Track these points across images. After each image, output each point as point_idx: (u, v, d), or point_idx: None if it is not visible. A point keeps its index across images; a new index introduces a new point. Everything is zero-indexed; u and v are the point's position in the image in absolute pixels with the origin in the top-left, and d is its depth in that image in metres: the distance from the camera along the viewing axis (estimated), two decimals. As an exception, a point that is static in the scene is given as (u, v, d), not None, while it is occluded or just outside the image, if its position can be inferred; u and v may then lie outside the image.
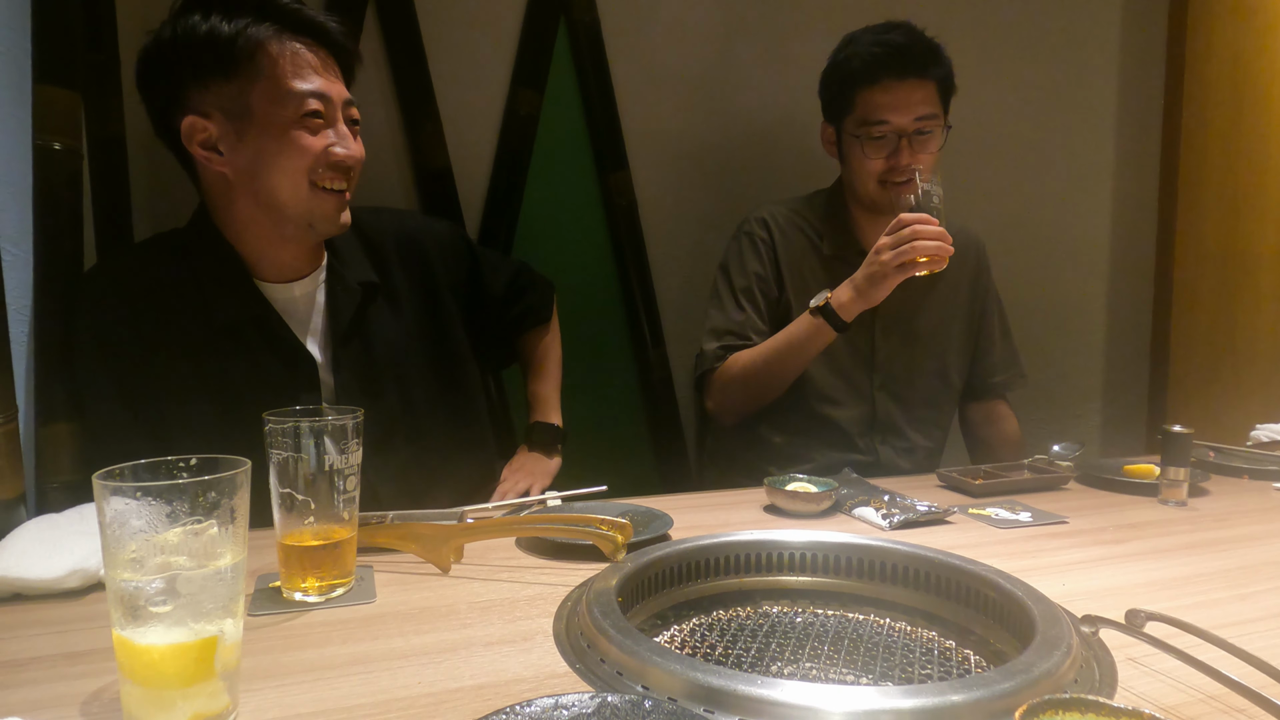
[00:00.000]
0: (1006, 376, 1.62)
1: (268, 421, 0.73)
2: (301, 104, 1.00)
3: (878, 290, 1.29)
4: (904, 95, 1.38)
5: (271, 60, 0.99)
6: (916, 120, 1.38)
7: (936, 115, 1.41)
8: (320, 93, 1.02)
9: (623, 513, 0.98)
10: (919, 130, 1.39)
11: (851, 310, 1.32)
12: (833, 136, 1.52)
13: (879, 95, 1.39)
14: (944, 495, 1.16)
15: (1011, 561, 0.88)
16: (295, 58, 1.01)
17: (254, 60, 0.99)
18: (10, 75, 0.96)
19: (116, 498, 0.49)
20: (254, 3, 1.00)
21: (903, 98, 1.38)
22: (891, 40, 1.39)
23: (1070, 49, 2.21)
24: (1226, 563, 0.89)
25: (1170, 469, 1.11)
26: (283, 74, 1.00)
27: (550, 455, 1.39)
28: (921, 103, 1.38)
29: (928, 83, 1.39)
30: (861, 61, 1.41)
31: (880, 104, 1.39)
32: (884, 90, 1.38)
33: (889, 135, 1.39)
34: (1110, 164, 2.30)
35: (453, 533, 0.83)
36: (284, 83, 1.00)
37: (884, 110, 1.38)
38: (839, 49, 1.48)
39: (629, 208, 1.86)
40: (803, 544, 0.82)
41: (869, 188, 1.44)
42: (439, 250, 1.29)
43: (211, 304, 1.06)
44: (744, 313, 1.47)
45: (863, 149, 1.42)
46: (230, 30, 0.98)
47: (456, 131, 1.71)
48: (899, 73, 1.38)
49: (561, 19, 1.77)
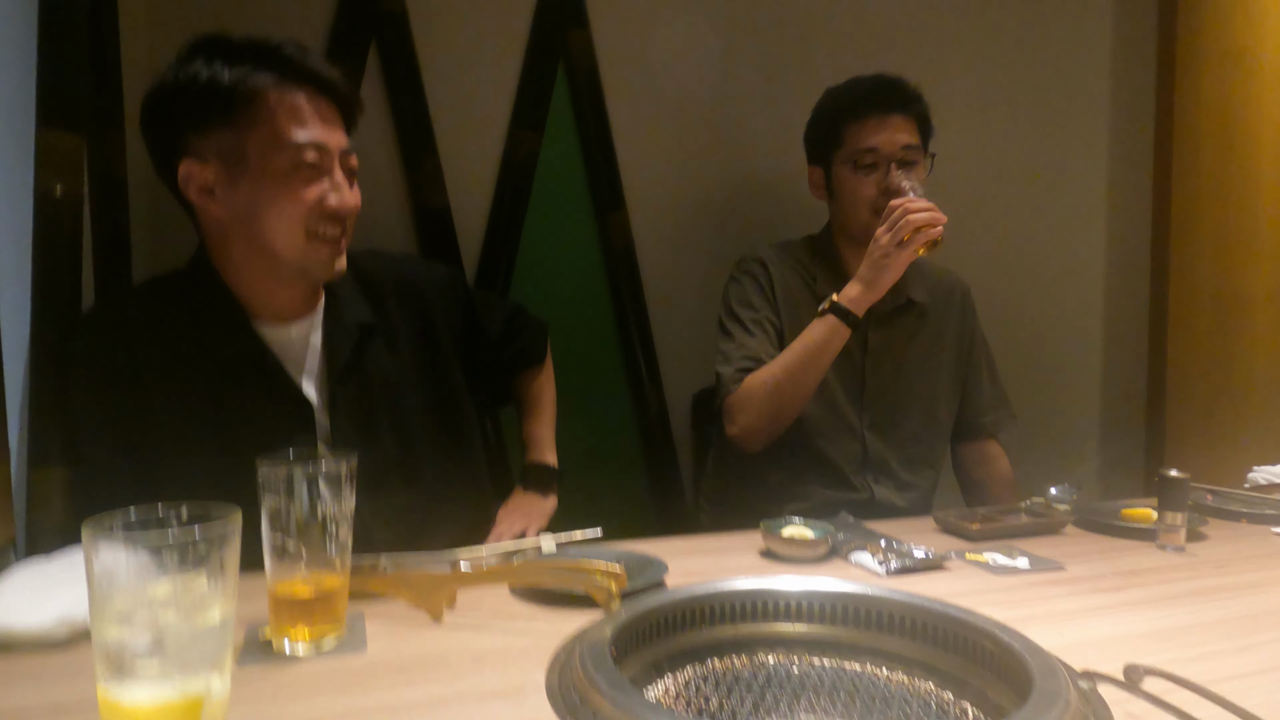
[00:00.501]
0: (996, 416, 1.64)
1: (261, 467, 0.73)
2: (297, 154, 1.01)
3: (883, 276, 1.34)
4: (888, 128, 1.46)
5: (269, 109, 1.00)
6: (902, 149, 1.46)
7: (919, 146, 1.49)
8: (316, 143, 1.02)
9: (617, 558, 0.97)
10: (904, 159, 1.46)
11: (861, 304, 1.36)
12: (821, 179, 1.56)
13: (866, 127, 1.47)
14: (940, 539, 1.16)
15: (1009, 610, 0.87)
16: (293, 107, 1.01)
17: (251, 108, 1.00)
18: (14, 119, 0.97)
19: (106, 550, 0.49)
20: (256, 51, 1.01)
21: (887, 130, 1.46)
22: (875, 80, 1.50)
23: (1061, 93, 2.24)
24: (1227, 612, 0.89)
25: (1168, 514, 1.10)
26: (280, 123, 1.00)
27: (546, 495, 1.39)
28: (905, 133, 1.47)
29: (909, 118, 1.48)
30: (849, 99, 1.50)
31: (868, 134, 1.46)
32: (870, 123, 1.47)
33: (878, 162, 1.46)
34: (1103, 206, 2.33)
35: (445, 580, 0.82)
36: (280, 132, 1.00)
37: (871, 138, 1.46)
38: (822, 99, 1.57)
39: (626, 247, 1.87)
40: (798, 593, 0.81)
41: (862, 217, 1.47)
42: (436, 293, 1.29)
43: (208, 345, 1.06)
44: (756, 339, 1.49)
45: (854, 179, 1.48)
46: (230, 78, 0.99)
47: (456, 172, 1.73)
48: (883, 108, 1.47)
49: (560, 62, 1.80)
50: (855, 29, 2.01)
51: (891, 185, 1.43)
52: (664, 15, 1.87)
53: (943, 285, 1.62)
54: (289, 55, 1.02)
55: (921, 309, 1.56)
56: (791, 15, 1.96)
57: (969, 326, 1.63)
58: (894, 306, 1.53)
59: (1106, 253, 2.34)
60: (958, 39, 2.12)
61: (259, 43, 1.02)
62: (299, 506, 0.73)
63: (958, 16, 2.11)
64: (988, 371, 1.65)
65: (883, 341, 1.54)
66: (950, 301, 1.61)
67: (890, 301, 1.51)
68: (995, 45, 2.16)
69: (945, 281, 1.63)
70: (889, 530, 1.17)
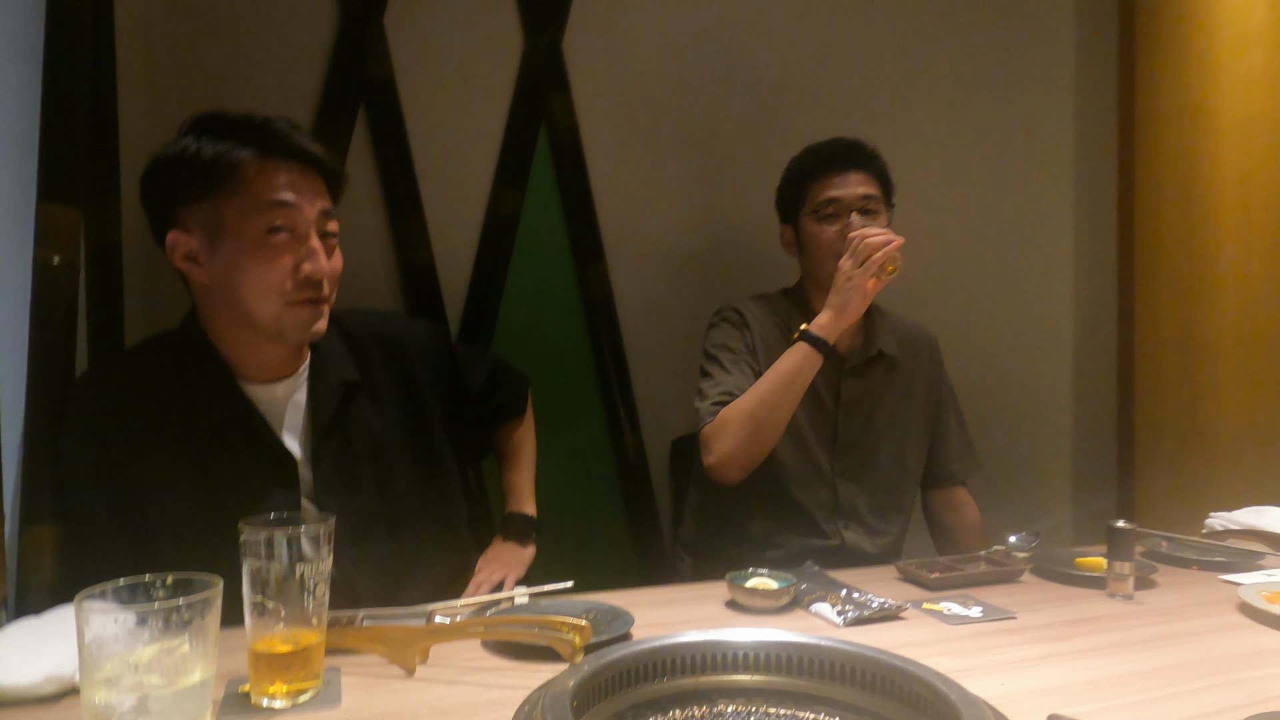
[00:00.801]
0: (964, 464, 1.69)
1: (243, 532, 0.77)
2: (270, 219, 1.06)
3: (851, 301, 1.42)
4: (848, 181, 1.56)
5: (247, 180, 1.06)
6: (862, 199, 1.55)
7: (879, 197, 1.57)
8: (287, 204, 1.07)
9: (586, 610, 1.02)
10: (865, 209, 1.54)
11: (832, 330, 1.43)
12: (791, 236, 1.64)
13: (828, 183, 1.56)
14: (902, 589, 1.20)
15: (958, 660, 0.92)
16: (270, 176, 1.07)
17: (230, 179, 1.05)
18: (15, 193, 1.03)
19: (96, 619, 0.53)
20: (242, 128, 1.07)
21: (847, 185, 1.56)
22: (836, 142, 1.60)
23: (1028, 149, 2.34)
24: (1166, 659, 0.93)
25: (1116, 563, 1.15)
26: (255, 190, 1.06)
27: (525, 545, 1.42)
28: (864, 185, 1.56)
29: (868, 174, 1.57)
30: (811, 160, 1.60)
31: (829, 188, 1.56)
32: (832, 179, 1.56)
33: (839, 211, 1.55)
34: (1070, 257, 2.41)
35: (418, 635, 0.86)
36: (254, 198, 1.06)
37: (832, 191, 1.55)
38: (789, 164, 1.65)
39: (606, 299, 1.93)
40: (753, 644, 0.85)
41: (829, 264, 1.52)
42: (419, 350, 1.34)
43: (196, 405, 1.11)
44: (733, 375, 1.53)
45: (819, 228, 1.56)
46: (212, 153, 1.05)
47: (440, 230, 1.80)
48: (842, 167, 1.56)
49: (542, 123, 1.88)
50: (828, 92, 2.10)
51: (851, 228, 1.50)
52: (642, 77, 1.95)
53: (911, 338, 1.68)
54: (273, 131, 1.08)
55: (892, 361, 1.62)
56: (766, 78, 2.05)
57: (937, 377, 1.70)
58: (865, 359, 1.59)
59: (1074, 302, 2.41)
60: (927, 101, 2.21)
61: (247, 120, 1.08)
62: (278, 566, 0.77)
63: (927, 79, 2.21)
64: (955, 421, 1.71)
65: (855, 392, 1.59)
66: (919, 354, 1.67)
67: (862, 354, 1.58)
68: (963, 106, 2.25)
69: (914, 335, 1.69)
70: (853, 579, 1.21)
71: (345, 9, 1.72)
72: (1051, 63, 2.37)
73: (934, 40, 2.22)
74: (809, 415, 1.56)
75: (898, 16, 2.18)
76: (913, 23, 2.19)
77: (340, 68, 1.72)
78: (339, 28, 1.72)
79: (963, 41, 2.25)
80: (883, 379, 1.62)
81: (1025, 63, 2.33)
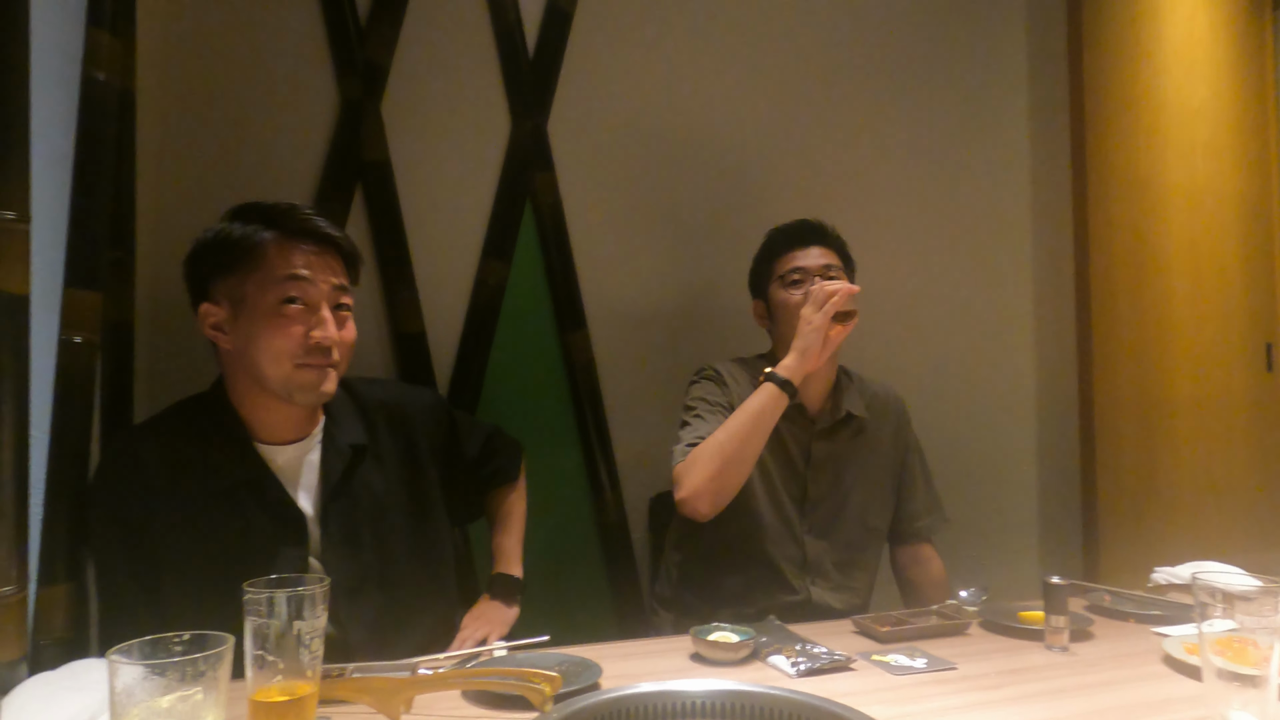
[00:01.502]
0: (929, 520, 1.77)
1: (246, 592, 0.86)
2: (282, 290, 1.18)
3: (812, 345, 1.53)
4: (812, 254, 1.69)
5: (268, 257, 1.19)
6: (823, 267, 1.68)
7: (841, 266, 1.70)
8: (301, 278, 1.19)
9: (559, 663, 1.10)
10: (827, 275, 1.66)
11: (796, 372, 1.53)
12: (763, 310, 1.76)
13: (792, 256, 1.70)
14: (856, 641, 1.28)
15: (896, 708, 1.00)
16: (289, 253, 1.20)
17: (253, 256, 1.19)
18: (45, 283, 1.13)
19: (125, 671, 0.62)
20: (269, 214, 1.21)
21: (811, 256, 1.69)
22: (799, 222, 1.74)
23: (987, 219, 2.49)
24: (1087, 706, 1.02)
25: (1052, 616, 1.24)
26: (273, 265, 1.19)
27: (510, 605, 1.49)
28: (825, 257, 1.69)
29: (829, 250, 1.71)
30: (778, 238, 1.75)
31: (794, 260, 1.69)
32: (795, 253, 1.70)
33: (804, 277, 1.67)
34: (1030, 323, 2.54)
35: (402, 686, 0.95)
36: (271, 272, 1.19)
37: (797, 262, 1.69)
38: (760, 246, 1.78)
39: (588, 363, 2.04)
40: (706, 693, 0.94)
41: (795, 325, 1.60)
42: (422, 417, 1.44)
43: (213, 465, 1.21)
44: (709, 422, 1.60)
45: (785, 293, 1.68)
46: (241, 233, 1.19)
47: (431, 299, 1.91)
48: (804, 241, 1.71)
49: (527, 200, 2.01)
50: (794, 170, 2.25)
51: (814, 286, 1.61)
52: (621, 158, 2.10)
53: (879, 400, 1.77)
54: (295, 215, 1.22)
55: (860, 423, 1.71)
56: (736, 157, 2.20)
57: (904, 437, 1.78)
58: (834, 421, 1.68)
59: (1036, 364, 2.54)
60: (890, 176, 2.37)
61: (275, 206, 1.22)
62: (278, 623, 0.86)
63: (889, 156, 2.36)
64: (922, 478, 1.79)
65: (824, 453, 1.68)
66: (886, 415, 1.76)
67: (830, 416, 1.68)
68: (925, 180, 2.41)
69: (881, 396, 1.79)
70: (811, 633, 1.30)
71: (345, 95, 1.86)
72: (1007, 138, 2.53)
73: (894, 120, 2.38)
74: (782, 474, 1.66)
75: (860, 97, 2.34)
76: (874, 103, 2.35)
77: (339, 150, 1.85)
78: (339, 114, 1.86)
79: (922, 118, 2.41)
80: (851, 440, 1.71)
81: (982, 137, 2.49)
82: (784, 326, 1.68)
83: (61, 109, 1.16)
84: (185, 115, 1.74)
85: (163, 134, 1.71)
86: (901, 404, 1.81)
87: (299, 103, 1.84)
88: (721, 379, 1.69)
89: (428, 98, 1.94)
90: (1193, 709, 1.01)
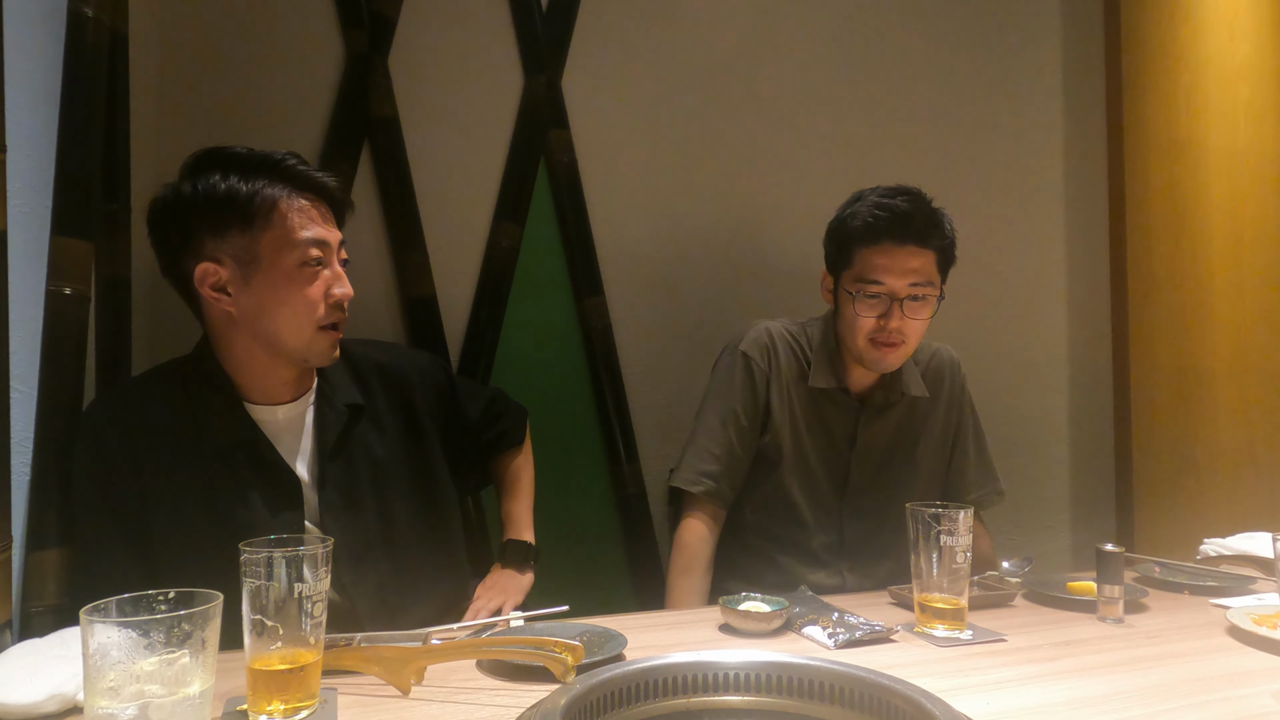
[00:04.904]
0: (981, 494, 1.63)
1: (243, 552, 0.79)
2: (305, 251, 1.12)
3: None
4: (901, 260, 1.41)
5: (281, 214, 1.12)
6: (910, 285, 1.41)
7: (932, 284, 1.43)
8: (320, 240, 1.14)
9: (581, 633, 1.03)
10: (912, 295, 1.41)
11: None
12: (830, 285, 1.55)
13: (877, 256, 1.42)
14: (894, 613, 1.21)
15: (946, 680, 0.93)
16: (301, 211, 1.14)
17: (267, 215, 1.12)
18: (31, 229, 1.06)
19: (100, 630, 0.56)
20: (268, 166, 1.13)
21: (899, 262, 1.41)
22: (895, 205, 1.42)
23: (1020, 183, 2.38)
24: (1151, 680, 0.94)
25: (1106, 587, 1.16)
26: (290, 225, 1.12)
27: (523, 572, 1.44)
28: (917, 270, 1.41)
29: (926, 251, 1.42)
30: (863, 221, 1.44)
31: (877, 265, 1.42)
32: (882, 252, 1.42)
33: (882, 296, 1.42)
34: (1063, 291, 2.44)
35: (413, 655, 0.88)
36: (291, 233, 1.12)
37: (880, 272, 1.41)
38: (846, 204, 1.51)
39: (605, 330, 1.96)
40: (742, 664, 0.87)
41: (858, 343, 1.46)
42: (420, 379, 1.38)
43: (204, 429, 1.14)
44: (721, 463, 1.51)
45: (855, 306, 1.44)
46: (248, 190, 1.11)
47: (442, 263, 1.84)
48: (898, 238, 1.41)
49: (542, 159, 1.93)
50: (823, 125, 2.15)
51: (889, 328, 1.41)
52: (641, 116, 2.00)
53: (932, 369, 1.61)
54: (296, 170, 1.14)
55: (913, 400, 1.57)
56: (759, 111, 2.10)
57: (958, 401, 1.63)
58: (888, 403, 1.54)
59: (1070, 333, 2.44)
60: (921, 138, 2.26)
61: (265, 156, 1.14)
62: (277, 586, 0.79)
63: (920, 118, 2.26)
64: (975, 448, 1.64)
65: (871, 436, 1.55)
66: (941, 381, 1.61)
67: (884, 398, 1.54)
68: (957, 145, 2.30)
69: (935, 361, 1.62)
70: (846, 604, 1.22)
71: (350, 49, 1.77)
72: (1040, 101, 2.42)
73: (924, 77, 2.27)
74: (821, 457, 1.55)
75: (889, 56, 2.23)
76: (902, 59, 2.25)
77: (345, 106, 1.77)
78: (345, 68, 1.77)
79: (953, 81, 2.30)
80: (902, 418, 1.57)
81: (1015, 101, 2.38)
82: (846, 328, 1.49)
83: (46, 43, 1.09)
84: (182, 71, 1.66)
85: (159, 85, 1.63)
86: (956, 365, 1.65)
87: (303, 57, 1.76)
88: (750, 366, 1.54)
89: (437, 52, 1.85)
90: (1270, 681, 0.93)
